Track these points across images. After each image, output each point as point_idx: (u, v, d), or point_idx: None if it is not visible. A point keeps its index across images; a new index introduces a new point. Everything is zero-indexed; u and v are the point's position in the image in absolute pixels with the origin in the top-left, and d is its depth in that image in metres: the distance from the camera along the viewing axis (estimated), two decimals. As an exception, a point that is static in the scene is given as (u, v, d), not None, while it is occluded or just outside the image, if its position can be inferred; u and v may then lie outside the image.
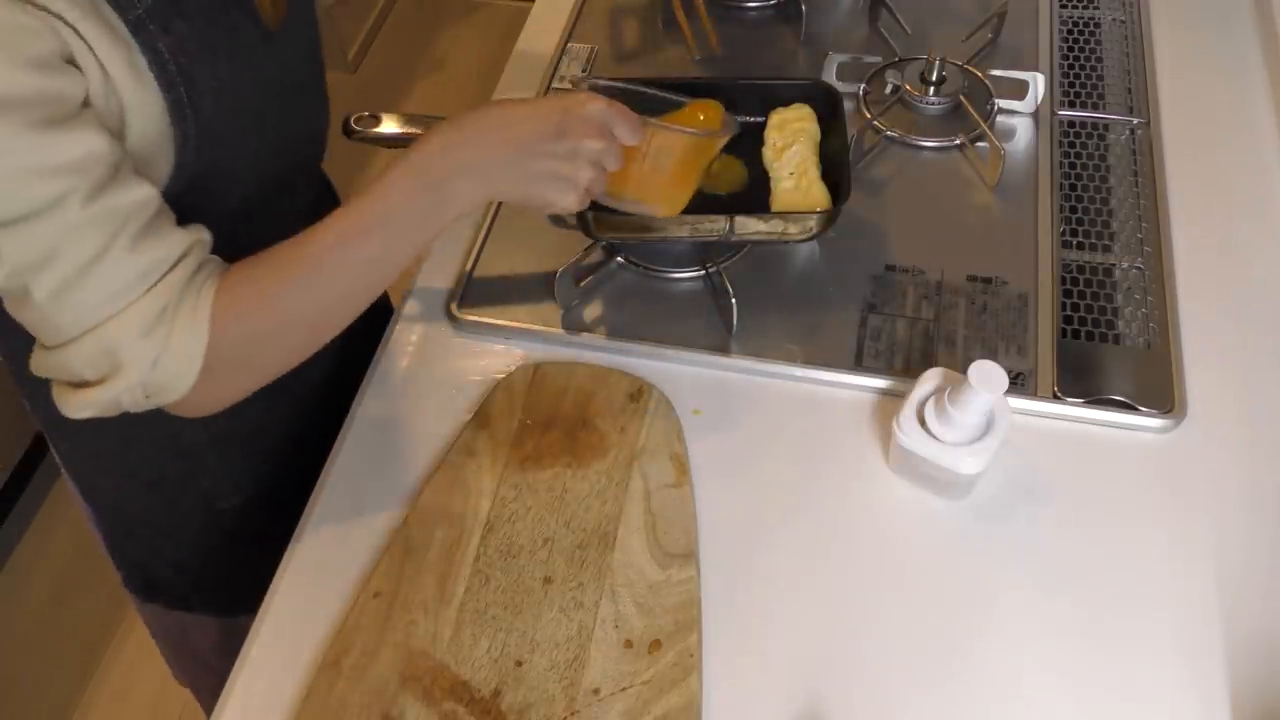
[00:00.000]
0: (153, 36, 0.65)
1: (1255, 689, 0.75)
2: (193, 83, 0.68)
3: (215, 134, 0.71)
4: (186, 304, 0.67)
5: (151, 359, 0.66)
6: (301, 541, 0.85)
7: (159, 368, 0.66)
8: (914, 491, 0.85)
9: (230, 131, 0.73)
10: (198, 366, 0.68)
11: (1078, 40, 1.19)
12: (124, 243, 0.64)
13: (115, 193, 0.64)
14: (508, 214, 1.06)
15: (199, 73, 0.69)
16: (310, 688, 0.76)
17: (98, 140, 0.63)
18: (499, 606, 0.79)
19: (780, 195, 0.97)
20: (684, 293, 0.99)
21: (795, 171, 0.97)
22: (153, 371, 0.66)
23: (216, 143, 0.72)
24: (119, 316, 0.65)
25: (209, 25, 0.70)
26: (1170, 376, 0.90)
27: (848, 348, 0.93)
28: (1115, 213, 1.02)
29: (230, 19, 0.72)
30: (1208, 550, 0.81)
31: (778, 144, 0.99)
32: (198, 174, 0.72)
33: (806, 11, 1.21)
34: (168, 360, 0.67)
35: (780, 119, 1.00)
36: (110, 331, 0.65)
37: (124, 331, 0.65)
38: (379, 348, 0.97)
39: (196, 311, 0.67)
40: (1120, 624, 0.78)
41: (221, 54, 0.71)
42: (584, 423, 0.88)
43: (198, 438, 0.92)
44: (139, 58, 0.65)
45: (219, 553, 1.03)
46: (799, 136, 0.98)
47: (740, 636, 0.78)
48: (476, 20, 2.77)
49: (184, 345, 0.67)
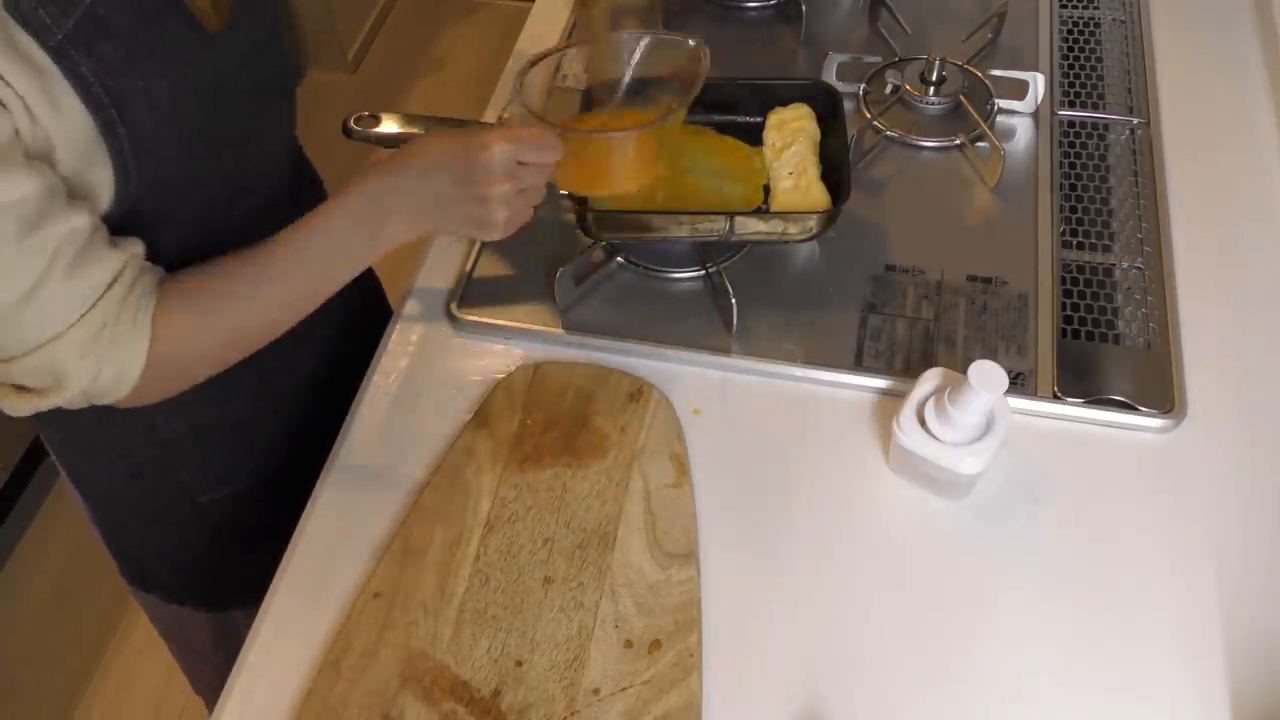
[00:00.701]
0: (75, 61, 0.64)
1: (1255, 689, 0.75)
2: (123, 102, 0.67)
3: (156, 148, 0.71)
4: (125, 318, 0.70)
5: (92, 374, 0.69)
6: (301, 541, 0.85)
7: (98, 380, 0.70)
8: (914, 491, 0.85)
9: (174, 142, 0.72)
10: (136, 374, 0.71)
11: (1078, 40, 1.19)
12: (60, 272, 0.66)
13: (50, 224, 0.65)
14: (508, 214, 1.06)
15: (129, 91, 0.67)
16: (310, 688, 0.76)
17: (29, 181, 0.63)
18: (499, 606, 0.79)
19: (780, 195, 0.97)
20: (684, 293, 0.99)
21: (795, 171, 0.97)
22: (93, 383, 0.70)
23: (160, 156, 0.71)
24: (60, 339, 0.67)
25: (138, 39, 0.68)
26: (1170, 376, 0.90)
27: (848, 348, 0.93)
28: (1115, 213, 1.02)
29: (163, 28, 0.70)
30: (1208, 550, 0.81)
31: (777, 144, 0.99)
32: (146, 187, 0.72)
33: (806, 11, 1.21)
34: (107, 371, 0.70)
35: (779, 119, 1.00)
36: (51, 352, 0.67)
37: (65, 352, 0.68)
38: (379, 347, 0.97)
39: (136, 327, 0.70)
40: (1120, 624, 0.78)
41: (154, 66, 0.69)
42: (584, 423, 0.88)
43: (176, 429, 0.92)
44: (62, 84, 0.64)
45: (205, 547, 1.03)
46: (798, 136, 0.98)
47: (740, 636, 0.78)
48: (476, 20, 2.77)
49: (123, 358, 0.70)
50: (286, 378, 0.97)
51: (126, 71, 0.67)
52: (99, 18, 0.65)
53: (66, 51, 0.64)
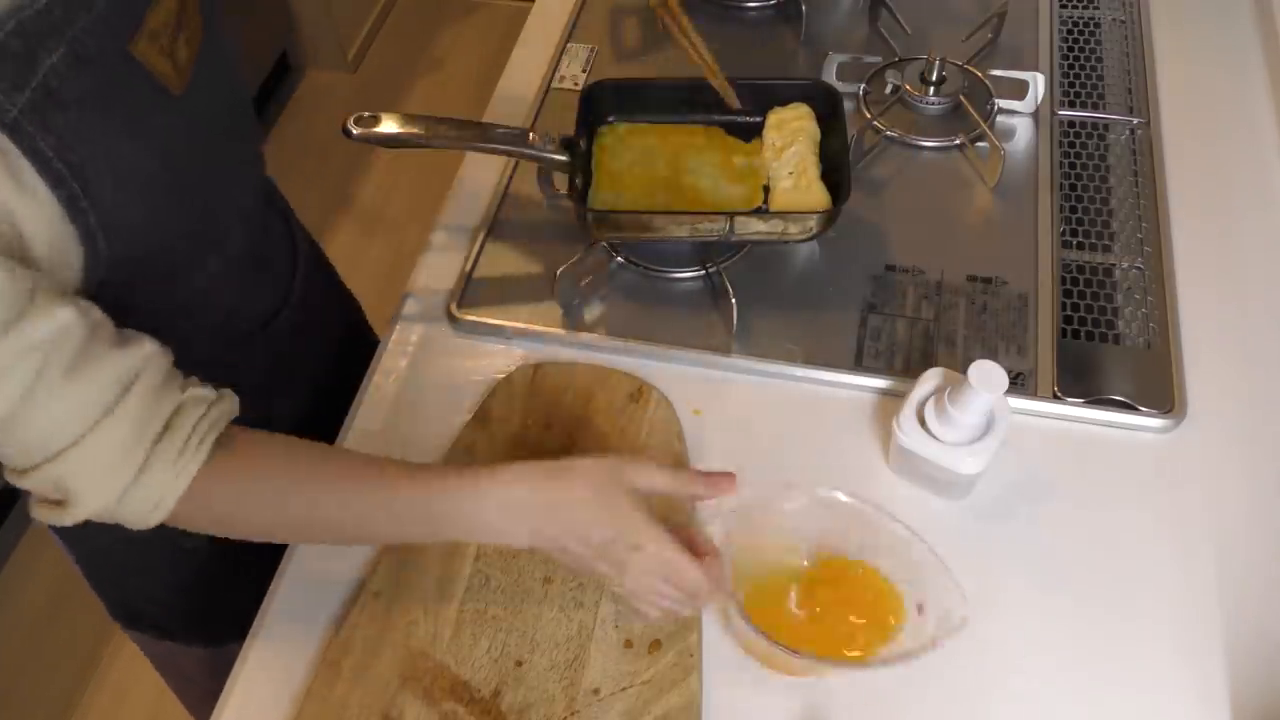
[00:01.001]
0: (32, 137, 0.60)
1: (1255, 689, 0.75)
2: (85, 176, 0.63)
3: (123, 218, 0.67)
4: (173, 445, 0.64)
5: (119, 491, 0.63)
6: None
7: (126, 501, 0.64)
8: (914, 491, 0.85)
9: (141, 209, 0.68)
10: (166, 511, 0.65)
11: (1078, 40, 1.19)
12: (55, 374, 0.60)
13: (32, 324, 0.59)
14: (508, 213, 1.06)
15: (91, 163, 0.63)
16: (310, 688, 0.76)
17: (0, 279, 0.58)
18: (499, 606, 0.79)
19: (779, 195, 0.97)
20: (684, 293, 0.99)
21: (795, 171, 0.97)
22: (119, 504, 0.64)
23: (128, 225, 0.67)
24: (77, 446, 0.62)
25: (95, 109, 0.64)
26: (1170, 376, 0.90)
27: (848, 348, 0.93)
28: (1115, 213, 1.02)
29: (123, 93, 0.66)
30: (1208, 550, 0.81)
31: (776, 144, 0.99)
32: (116, 259, 0.67)
33: (806, 11, 1.21)
34: (140, 494, 0.64)
35: (778, 119, 1.00)
36: (61, 466, 0.62)
37: (83, 462, 0.62)
38: (379, 347, 0.97)
39: (182, 461, 0.65)
40: (1120, 624, 0.78)
41: (114, 132, 0.65)
42: (584, 423, 0.88)
43: None
44: (21, 162, 0.60)
45: (194, 586, 0.99)
46: (798, 136, 0.98)
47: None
48: (476, 20, 2.77)
49: (157, 487, 0.64)
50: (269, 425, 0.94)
51: (86, 142, 0.63)
52: (53, 90, 0.61)
53: (22, 128, 0.59)
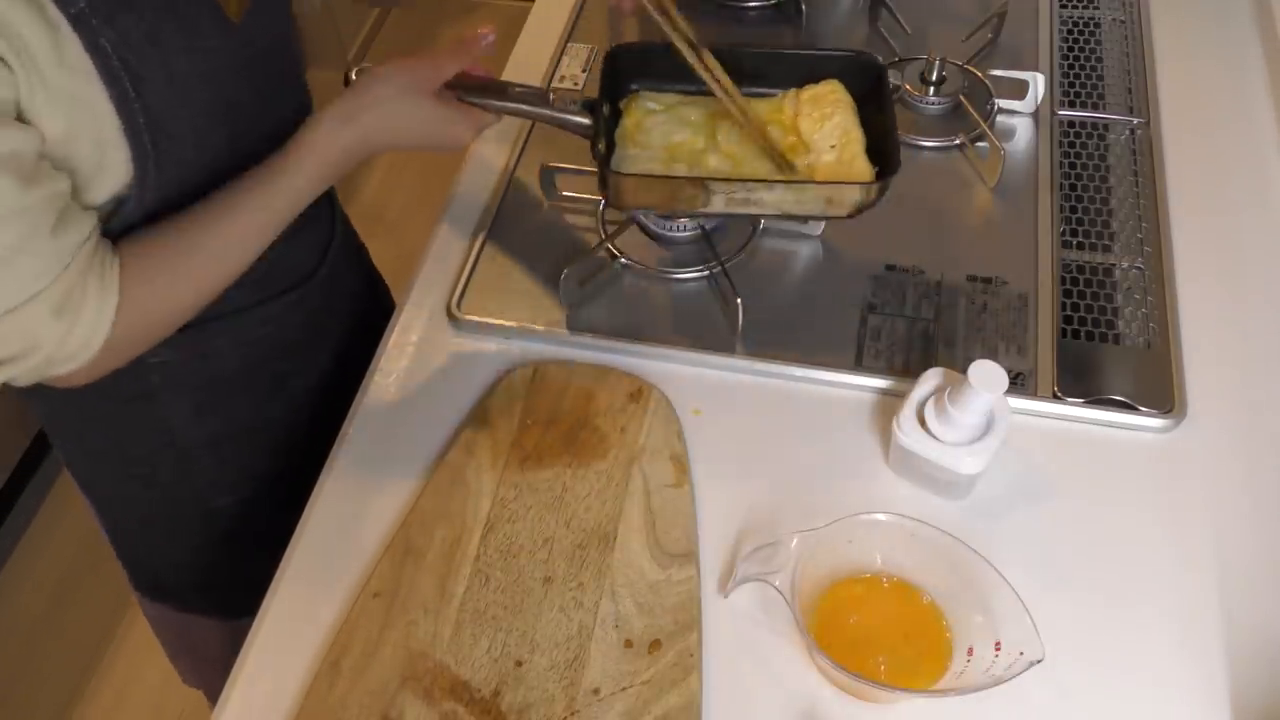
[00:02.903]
0: (95, 31, 0.65)
1: (1256, 689, 0.75)
2: (140, 77, 0.68)
3: (172, 128, 0.71)
4: (93, 278, 0.69)
5: (61, 336, 0.68)
6: (301, 541, 0.85)
7: (66, 343, 0.69)
8: (914, 491, 0.85)
9: (191, 126, 0.73)
10: (103, 336, 0.70)
11: (1078, 40, 1.19)
12: (44, 232, 0.65)
13: (40, 185, 0.65)
14: (509, 213, 1.06)
15: (147, 67, 0.68)
16: (310, 688, 0.76)
17: (21, 136, 0.63)
18: (499, 606, 0.79)
19: (822, 169, 0.90)
20: (685, 293, 0.99)
21: (837, 144, 0.91)
22: (59, 347, 0.69)
23: (176, 137, 0.72)
24: (37, 299, 0.66)
25: (160, 18, 0.69)
26: (1170, 376, 0.90)
27: (848, 348, 0.93)
28: (1115, 213, 1.02)
29: (187, 10, 0.71)
30: (1208, 550, 0.81)
31: (814, 115, 0.92)
32: (166, 173, 0.72)
33: (806, 11, 1.21)
34: (77, 333, 0.69)
35: (813, 94, 0.93)
36: (29, 313, 0.66)
37: (41, 312, 0.67)
38: (379, 347, 0.97)
39: (104, 286, 0.70)
40: (1120, 623, 0.78)
41: (174, 47, 0.70)
42: (584, 423, 0.88)
43: (192, 436, 0.92)
44: (81, 52, 0.65)
45: (218, 553, 1.03)
46: (838, 108, 0.92)
47: (740, 636, 0.78)
48: (476, 20, 2.77)
49: (91, 320, 0.69)
50: (299, 379, 0.97)
51: (146, 48, 0.68)
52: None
53: (87, 20, 0.64)
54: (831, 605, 0.76)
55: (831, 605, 0.76)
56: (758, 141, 0.90)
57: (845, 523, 0.75)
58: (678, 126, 0.94)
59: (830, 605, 0.76)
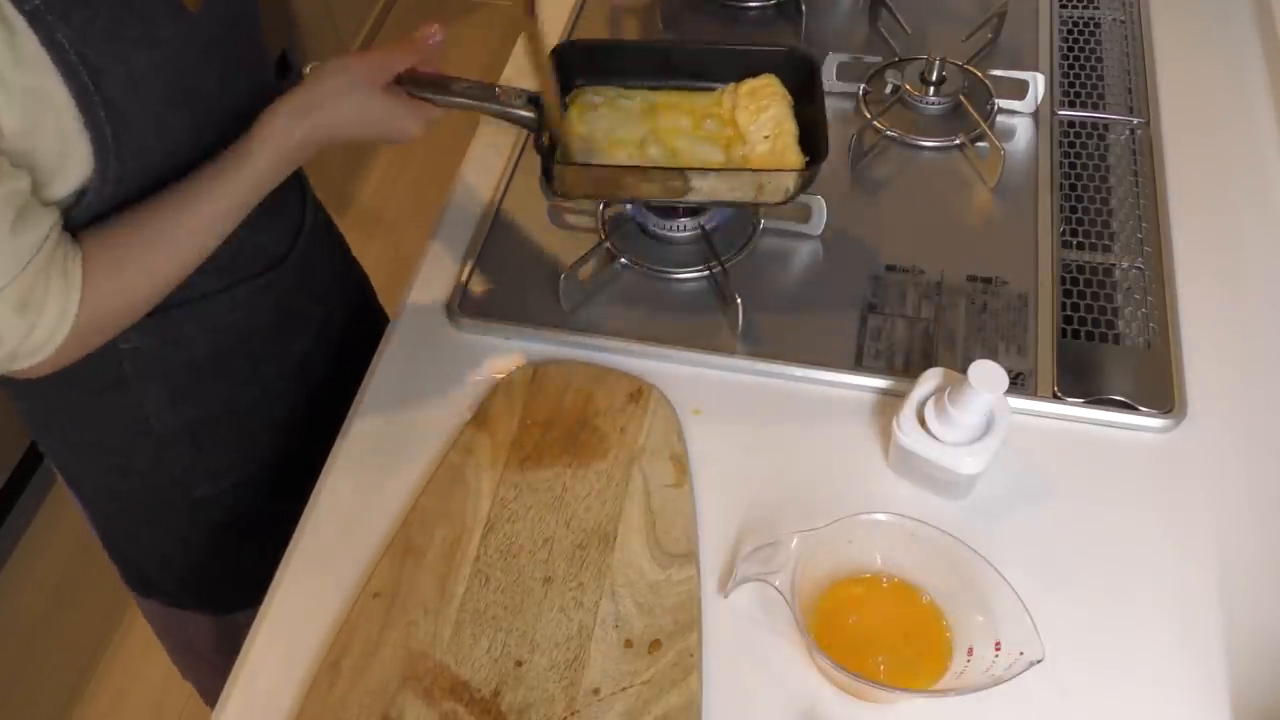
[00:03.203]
0: (51, 27, 0.65)
1: (1256, 689, 0.75)
2: (98, 70, 0.68)
3: (133, 119, 0.71)
4: (55, 273, 0.70)
5: (26, 330, 0.69)
6: (301, 541, 0.85)
7: (30, 338, 0.70)
8: (914, 491, 0.85)
9: (152, 115, 0.73)
10: (66, 330, 0.71)
11: (1078, 40, 1.19)
12: (3, 230, 0.66)
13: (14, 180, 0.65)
14: (508, 214, 1.06)
15: (105, 60, 0.68)
16: (310, 688, 0.76)
17: None
18: (499, 606, 0.79)
19: (756, 158, 0.95)
20: (685, 293, 0.99)
21: (771, 135, 0.96)
22: (23, 342, 0.70)
23: (137, 128, 0.72)
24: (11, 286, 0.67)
25: (116, 11, 0.69)
26: (1170, 376, 0.90)
27: (848, 348, 0.93)
28: (1115, 213, 1.02)
29: (140, 3, 0.71)
30: (1208, 550, 0.81)
31: (750, 108, 0.97)
32: (127, 165, 0.72)
33: (806, 11, 1.21)
34: (40, 328, 0.70)
35: (750, 88, 0.99)
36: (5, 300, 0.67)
37: (3, 310, 0.67)
38: (379, 346, 0.97)
39: (67, 281, 0.70)
40: (1120, 623, 0.78)
41: (131, 38, 0.70)
42: (584, 423, 0.88)
43: (168, 423, 0.92)
44: (38, 48, 0.65)
45: (205, 546, 1.03)
46: (774, 100, 0.97)
47: (740, 636, 0.78)
48: (476, 20, 2.77)
49: (54, 315, 0.70)
50: (272, 364, 0.97)
51: (103, 42, 0.68)
52: None
53: (42, 17, 0.64)
54: (831, 605, 0.76)
55: (831, 605, 0.76)
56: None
57: (845, 523, 0.75)
58: (620, 119, 0.99)
59: (830, 605, 0.76)
